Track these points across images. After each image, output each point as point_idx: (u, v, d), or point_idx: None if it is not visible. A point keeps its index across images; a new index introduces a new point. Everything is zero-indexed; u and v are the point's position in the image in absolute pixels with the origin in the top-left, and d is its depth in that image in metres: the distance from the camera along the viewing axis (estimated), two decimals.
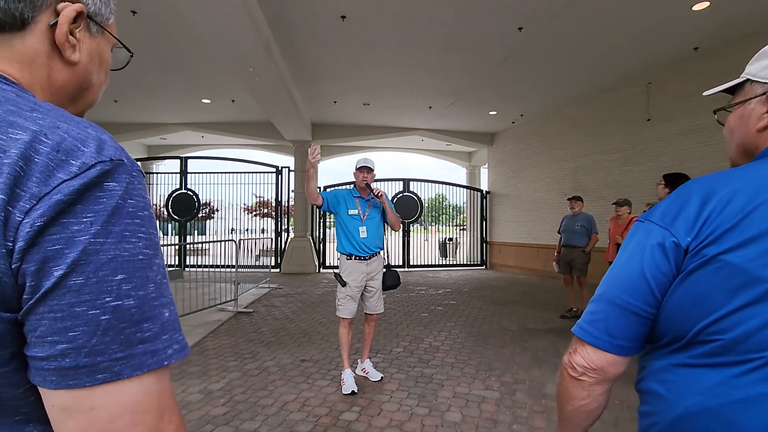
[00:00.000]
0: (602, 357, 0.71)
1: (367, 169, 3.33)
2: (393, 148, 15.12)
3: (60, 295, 0.37)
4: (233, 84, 7.89)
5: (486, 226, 12.74)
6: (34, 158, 0.37)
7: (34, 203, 0.36)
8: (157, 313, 0.42)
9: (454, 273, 11.37)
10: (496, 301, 6.97)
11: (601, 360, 0.71)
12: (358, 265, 3.29)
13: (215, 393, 3.13)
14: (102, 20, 0.54)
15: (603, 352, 0.70)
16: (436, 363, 3.86)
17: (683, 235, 0.65)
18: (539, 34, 5.84)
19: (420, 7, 5.20)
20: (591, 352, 0.72)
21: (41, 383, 0.38)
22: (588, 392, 0.73)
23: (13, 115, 0.39)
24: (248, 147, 14.12)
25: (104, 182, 0.39)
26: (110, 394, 0.38)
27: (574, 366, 0.74)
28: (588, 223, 5.73)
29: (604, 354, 0.70)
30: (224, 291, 6.54)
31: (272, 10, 5.23)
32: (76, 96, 0.54)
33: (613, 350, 0.70)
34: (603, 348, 0.70)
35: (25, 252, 0.36)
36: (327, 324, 5.24)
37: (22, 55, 0.46)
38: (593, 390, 0.73)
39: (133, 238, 0.41)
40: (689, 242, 0.64)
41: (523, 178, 11.22)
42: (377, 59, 6.92)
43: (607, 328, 0.70)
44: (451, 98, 9.07)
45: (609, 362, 0.71)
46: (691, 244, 0.64)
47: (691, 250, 0.64)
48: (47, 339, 0.37)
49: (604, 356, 0.71)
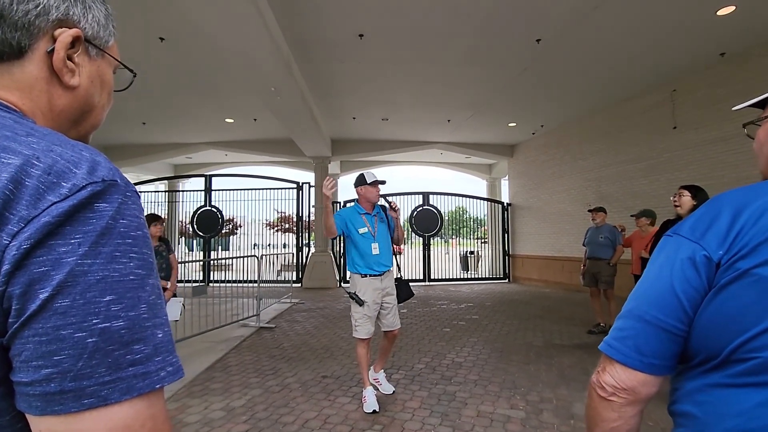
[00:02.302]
0: (633, 376, 0.67)
1: (380, 183, 3.28)
2: (412, 162, 15.16)
3: (45, 318, 0.36)
4: (255, 103, 8.11)
5: (508, 238, 12.54)
6: (25, 181, 0.37)
7: (22, 226, 0.36)
8: (149, 334, 0.41)
9: (476, 287, 11.19)
10: (520, 315, 6.81)
11: (632, 379, 0.67)
12: (373, 281, 3.22)
13: (237, 410, 3.14)
14: (101, 43, 0.54)
15: (634, 371, 0.67)
16: (459, 380, 3.78)
17: (714, 249, 0.62)
18: (557, 44, 5.80)
19: (437, 23, 5.26)
20: (621, 371, 0.68)
21: (27, 409, 0.37)
22: (619, 414, 0.70)
23: (8, 140, 0.40)
24: (270, 164, 14.42)
25: (95, 203, 0.39)
26: (98, 420, 0.37)
27: (603, 386, 0.70)
28: (612, 234, 5.56)
29: (635, 373, 0.67)
30: (247, 306, 6.61)
31: (292, 31, 5.39)
32: (79, 119, 0.54)
33: (645, 369, 0.67)
34: (634, 366, 0.67)
35: (11, 275, 0.36)
36: (348, 339, 5.22)
37: (21, 83, 0.47)
38: (624, 411, 0.69)
39: (124, 258, 0.40)
40: (721, 256, 0.62)
41: (545, 189, 11.03)
42: (395, 75, 7.01)
43: (638, 345, 0.67)
44: (469, 111, 9.07)
45: (640, 382, 0.67)
46: (723, 258, 0.61)
47: (723, 264, 0.61)
48: (32, 363, 0.36)
49: (635, 375, 0.67)
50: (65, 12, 0.49)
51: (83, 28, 0.51)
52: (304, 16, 5.11)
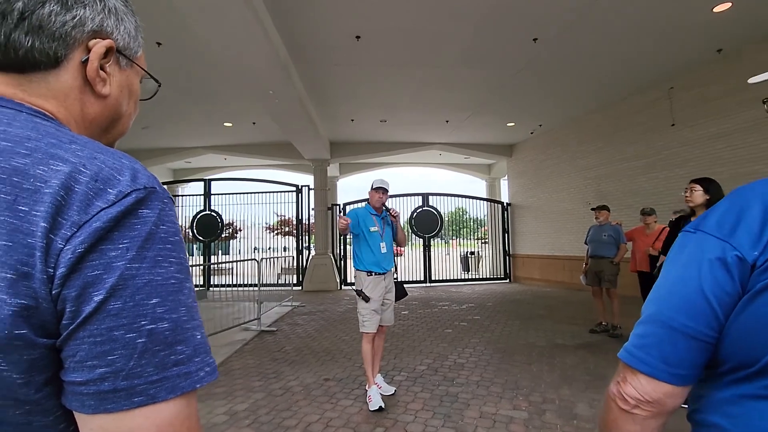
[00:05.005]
0: (659, 388, 0.61)
1: (382, 190, 3.50)
2: (411, 164, 15.17)
3: (99, 319, 0.38)
4: (254, 107, 8.12)
5: (508, 238, 12.54)
6: (75, 188, 0.39)
7: (74, 230, 0.38)
8: (189, 335, 0.43)
9: (477, 287, 11.18)
10: (521, 315, 6.80)
11: (658, 391, 0.61)
12: (378, 279, 3.40)
13: (240, 414, 3.13)
14: (131, 54, 0.56)
15: (659, 382, 0.61)
16: (461, 381, 3.77)
17: (748, 249, 0.56)
18: (554, 43, 5.81)
19: (433, 24, 5.27)
20: (645, 382, 0.62)
21: (79, 408, 0.39)
22: (641, 426, 0.64)
23: (54, 147, 0.41)
24: (269, 167, 14.43)
25: (138, 209, 0.41)
26: (147, 417, 0.39)
27: (625, 398, 0.64)
28: (615, 233, 5.55)
29: (661, 384, 0.61)
30: (248, 310, 6.61)
31: (289, 34, 5.40)
32: (108, 127, 0.56)
33: (671, 380, 0.61)
34: (659, 377, 0.61)
35: (66, 278, 0.37)
36: (349, 342, 5.21)
37: (57, 92, 0.48)
38: (647, 424, 0.64)
39: (165, 262, 0.42)
40: (756, 257, 0.56)
41: (544, 188, 11.04)
42: (393, 77, 7.02)
43: (663, 354, 0.61)
44: (468, 111, 9.08)
45: (667, 393, 0.61)
46: (759, 259, 0.56)
47: (759, 266, 0.56)
48: (86, 363, 0.38)
49: (660, 387, 0.61)
50: (100, 23, 0.50)
51: (115, 39, 0.53)
52: (301, 19, 5.12)
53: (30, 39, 0.46)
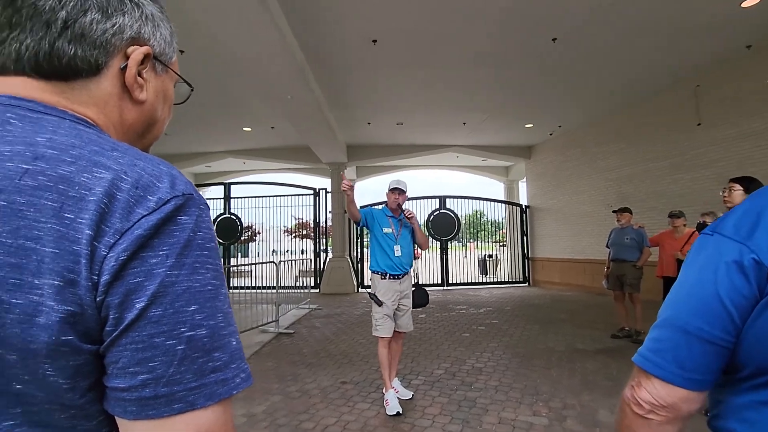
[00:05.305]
0: (673, 392, 0.61)
1: (398, 191, 3.43)
2: (428, 166, 15.10)
3: (141, 326, 0.38)
4: (272, 112, 8.24)
5: (527, 241, 12.35)
6: (117, 195, 0.40)
7: (117, 238, 0.38)
8: (226, 342, 0.43)
9: (496, 291, 11.04)
10: (540, 319, 6.68)
11: (672, 396, 0.61)
12: (392, 284, 3.35)
13: (258, 416, 3.16)
14: (166, 59, 0.57)
15: (674, 387, 0.61)
16: (480, 386, 3.72)
17: (766, 252, 0.55)
18: (574, 42, 5.71)
19: (450, 25, 5.25)
20: (659, 386, 0.62)
21: (121, 414, 0.39)
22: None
23: (97, 155, 0.42)
24: (287, 171, 14.59)
25: (177, 216, 0.41)
26: (187, 424, 0.39)
27: (639, 402, 0.63)
28: (638, 236, 5.41)
29: (676, 389, 0.60)
30: (266, 312, 6.68)
31: (306, 39, 5.46)
32: (144, 132, 0.57)
33: (686, 384, 0.60)
34: (673, 382, 0.60)
35: (110, 285, 0.38)
36: (366, 345, 5.21)
37: (97, 99, 0.49)
38: (663, 430, 0.63)
39: (203, 269, 0.42)
40: None
41: (564, 190, 10.84)
42: (409, 79, 7.02)
43: (677, 358, 0.60)
44: (485, 113, 9.00)
45: (682, 398, 0.61)
46: None
47: None
48: (129, 370, 0.38)
49: (675, 391, 0.61)
50: (137, 31, 0.51)
51: (152, 46, 0.53)
52: (317, 23, 5.17)
53: (73, 47, 0.46)
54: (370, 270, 3.47)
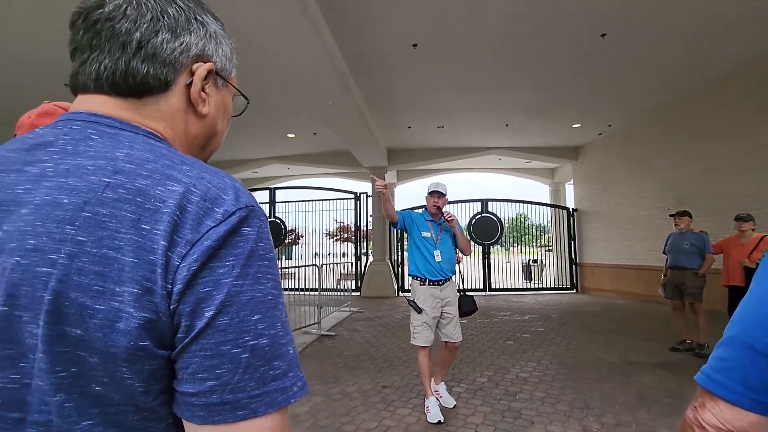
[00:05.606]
0: (741, 416, 0.55)
1: (437, 194, 3.31)
2: (469, 169, 14.87)
3: (209, 334, 0.40)
4: (314, 118, 8.44)
5: (574, 246, 11.82)
6: (187, 207, 0.42)
7: (188, 248, 0.40)
8: (284, 351, 0.44)
9: (541, 297, 10.64)
10: (589, 328, 6.36)
11: (741, 420, 0.55)
12: (432, 290, 3.22)
13: (301, 416, 3.22)
14: (226, 74, 0.59)
15: (742, 410, 0.55)
16: (525, 396, 3.59)
17: None
18: (625, 36, 5.42)
19: (491, 26, 5.15)
20: (726, 409, 0.56)
21: (189, 418, 0.41)
22: None
23: (169, 168, 0.44)
24: (329, 175, 14.92)
25: (241, 228, 0.43)
26: (248, 430, 0.41)
27: (703, 425, 0.58)
28: (699, 241, 5.00)
29: (744, 412, 0.55)
30: (308, 314, 6.82)
31: (347, 45, 5.55)
32: (205, 144, 0.60)
33: (756, 408, 0.54)
34: (742, 405, 0.55)
35: (182, 294, 0.40)
36: (407, 349, 5.18)
37: (166, 114, 0.52)
38: None
39: (264, 279, 0.44)
40: None
41: (614, 193, 10.29)
42: (450, 82, 6.95)
43: (746, 379, 0.55)
44: (529, 114, 8.74)
45: (751, 423, 0.55)
46: None
47: None
48: (198, 376, 0.40)
49: (744, 415, 0.55)
50: (202, 48, 0.54)
51: (215, 62, 0.56)
52: (358, 30, 5.24)
53: (145, 66, 0.49)
54: (409, 274, 3.39)
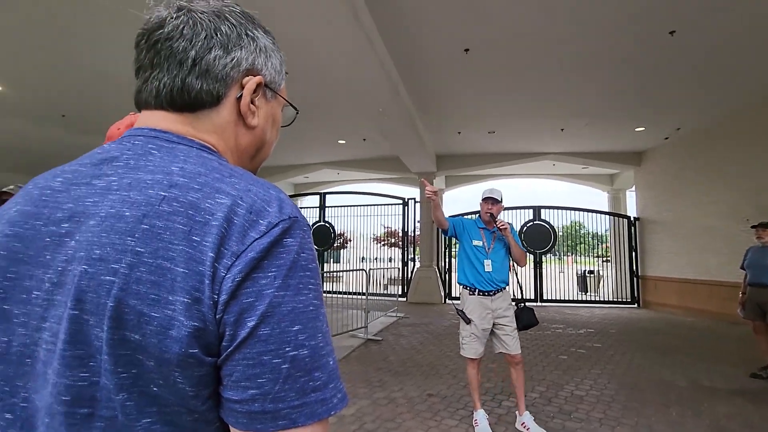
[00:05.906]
0: None
1: (492, 200, 3.14)
2: (521, 175, 14.41)
3: (252, 344, 0.41)
4: (364, 125, 8.57)
5: (636, 257, 11.05)
6: (234, 220, 0.43)
7: (234, 260, 0.42)
8: (324, 362, 0.45)
9: (597, 310, 10.04)
10: (654, 347, 5.90)
11: None
12: (483, 300, 3.08)
13: (347, 419, 3.25)
14: (275, 87, 0.61)
15: None
16: (580, 416, 3.39)
17: None
18: (696, 32, 5.01)
19: (545, 29, 4.97)
20: None
21: (234, 423, 0.42)
22: None
23: (218, 182, 0.46)
24: (378, 181, 15.06)
25: (284, 239, 0.44)
26: None
27: None
28: None
29: None
30: (355, 318, 6.89)
31: (397, 51, 5.58)
32: (254, 155, 0.62)
33: None
34: None
35: (227, 304, 0.41)
36: (454, 358, 5.08)
37: (218, 127, 0.55)
38: None
39: (305, 290, 0.45)
40: None
41: (682, 201, 9.51)
42: (502, 86, 6.78)
43: None
44: (586, 117, 8.32)
45: None
46: None
47: None
48: (241, 384, 0.41)
49: None
50: (252, 62, 0.56)
51: (264, 75, 0.58)
52: (409, 37, 5.26)
53: (199, 82, 0.52)
54: (458, 282, 3.28)
